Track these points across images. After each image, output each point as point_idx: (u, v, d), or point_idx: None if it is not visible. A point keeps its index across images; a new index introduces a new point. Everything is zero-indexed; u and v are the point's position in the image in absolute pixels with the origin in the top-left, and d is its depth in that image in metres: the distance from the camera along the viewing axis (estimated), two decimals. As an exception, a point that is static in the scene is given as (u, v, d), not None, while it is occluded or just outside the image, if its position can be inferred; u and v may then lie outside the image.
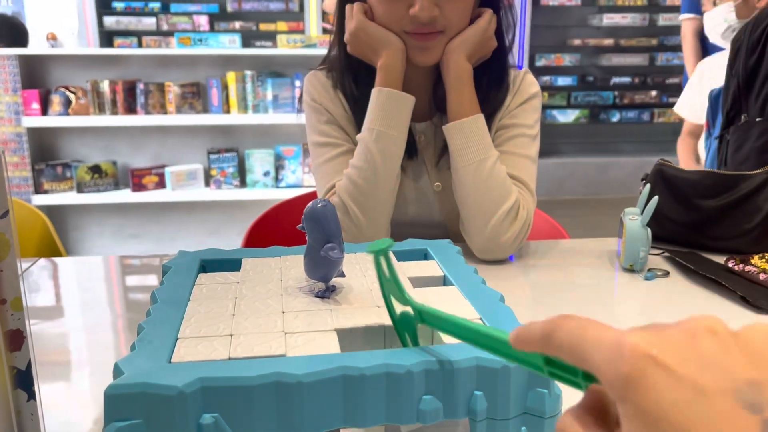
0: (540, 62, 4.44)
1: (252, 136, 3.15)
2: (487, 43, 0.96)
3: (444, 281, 0.54)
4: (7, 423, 0.40)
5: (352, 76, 1.00)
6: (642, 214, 0.87)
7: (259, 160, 3.07)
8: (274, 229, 1.28)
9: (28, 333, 0.40)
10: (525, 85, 1.02)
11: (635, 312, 0.79)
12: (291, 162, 3.09)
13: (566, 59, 4.48)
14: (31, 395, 0.41)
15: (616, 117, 4.63)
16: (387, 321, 0.44)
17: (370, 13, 0.95)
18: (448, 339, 0.42)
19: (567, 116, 4.58)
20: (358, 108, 0.98)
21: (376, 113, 0.92)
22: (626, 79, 4.60)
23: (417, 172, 1.02)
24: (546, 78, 4.47)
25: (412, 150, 1.00)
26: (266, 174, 3.08)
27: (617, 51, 4.51)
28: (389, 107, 0.92)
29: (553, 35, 4.50)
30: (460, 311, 0.46)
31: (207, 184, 3.10)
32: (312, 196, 1.32)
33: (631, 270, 0.89)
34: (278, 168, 3.09)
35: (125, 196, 3.01)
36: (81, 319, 0.78)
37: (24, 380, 0.40)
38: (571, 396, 0.54)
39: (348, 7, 0.97)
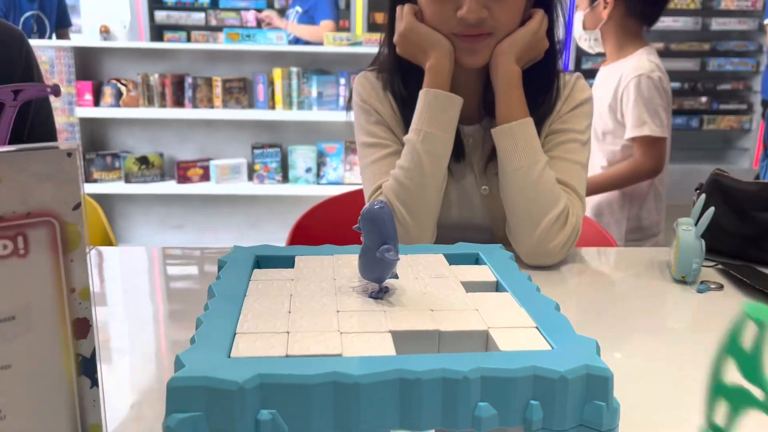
0: (587, 65, 4.36)
1: (295, 132, 3.18)
2: (538, 45, 0.95)
3: (497, 287, 0.53)
4: (70, 408, 0.41)
5: (401, 77, 1.00)
6: (696, 224, 0.85)
7: (302, 157, 3.11)
8: (319, 225, 1.29)
9: (94, 322, 0.41)
10: (577, 90, 1.00)
11: (686, 325, 0.77)
12: (333, 159, 3.11)
13: (614, 62, 4.40)
14: (94, 382, 0.42)
15: (663, 122, 4.53)
16: (441, 326, 0.44)
17: (420, 14, 0.95)
18: (504, 347, 0.42)
19: (613, 120, 4.50)
20: (407, 109, 0.98)
21: (423, 114, 0.92)
22: (676, 84, 4.49)
23: (463, 174, 1.02)
24: (592, 81, 4.40)
25: (459, 152, 0.99)
26: (308, 170, 3.11)
27: (668, 55, 4.41)
28: (436, 108, 0.92)
29: (602, 37, 4.42)
30: (514, 319, 0.46)
31: (250, 178, 3.14)
32: (356, 194, 1.33)
33: (683, 281, 0.87)
34: (320, 165, 3.11)
35: (170, 187, 3.08)
36: (126, 308, 0.79)
37: (88, 367, 0.41)
38: (628, 410, 0.53)
39: (399, 8, 0.97)
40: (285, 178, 3.14)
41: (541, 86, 0.98)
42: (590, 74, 4.53)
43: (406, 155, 0.92)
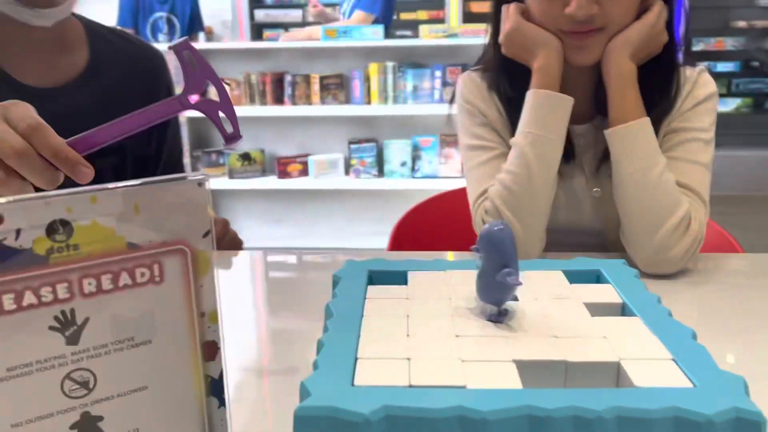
0: (698, 47, 4.11)
1: (390, 126, 3.19)
2: (656, 39, 0.89)
3: (623, 309, 0.50)
4: (200, 428, 0.42)
5: (507, 78, 0.97)
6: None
7: (397, 150, 3.12)
8: (421, 226, 1.28)
9: (222, 344, 0.42)
10: (699, 86, 0.94)
11: (831, 344, 0.70)
12: (427, 153, 3.10)
13: (728, 43, 4.11)
14: (222, 402, 0.43)
15: (785, 106, 4.19)
16: (569, 357, 0.42)
17: (527, 13, 0.92)
18: (639, 381, 0.39)
19: (727, 105, 4.21)
20: (513, 110, 0.95)
21: (531, 116, 0.89)
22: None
23: (573, 176, 0.97)
24: (704, 64, 4.13)
25: (569, 153, 0.95)
26: (403, 164, 3.12)
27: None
28: (546, 109, 0.88)
29: (714, 16, 4.14)
30: (647, 348, 0.43)
31: (347, 172, 3.19)
32: (458, 192, 1.31)
33: (825, 295, 0.79)
34: (414, 158, 3.11)
35: (271, 182, 3.18)
36: (248, 327, 0.81)
37: (216, 388, 0.42)
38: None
39: (504, 7, 0.94)
40: (380, 172, 3.16)
41: (659, 83, 0.92)
42: (702, 56, 4.24)
43: (514, 159, 0.89)
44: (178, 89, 0.65)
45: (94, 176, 0.55)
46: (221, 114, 0.56)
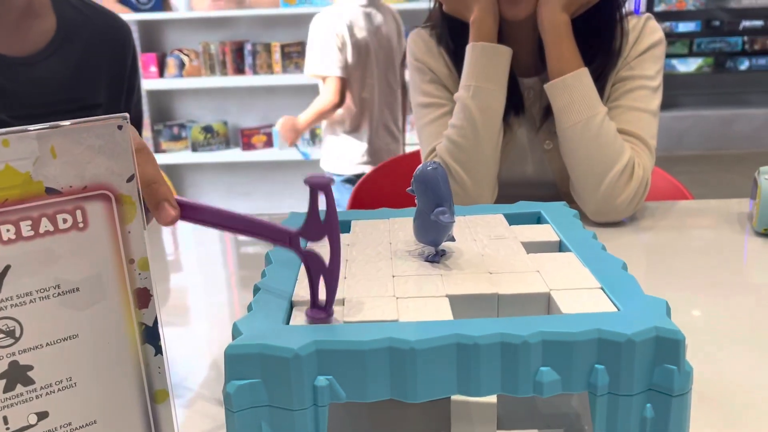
0: (659, 7, 4.13)
1: (355, 94, 3.16)
2: None
3: (560, 247, 0.51)
4: (137, 376, 0.42)
5: (450, 33, 0.97)
6: (780, 173, 0.79)
7: (363, 118, 3.09)
8: (380, 188, 1.28)
9: (154, 291, 0.42)
10: (646, 33, 0.94)
11: (769, 280, 0.73)
12: (394, 119, 3.08)
13: (689, 2, 4.14)
14: (158, 350, 0.43)
15: (744, 65, 4.25)
16: (500, 289, 0.43)
17: None
18: (567, 309, 0.40)
19: (688, 65, 4.26)
20: (460, 65, 0.95)
21: (471, 68, 0.90)
22: (758, 23, 4.19)
23: (525, 129, 0.98)
24: (666, 24, 4.16)
25: (519, 106, 0.96)
26: (369, 132, 3.09)
27: (748, -9, 4.11)
28: (484, 61, 0.89)
29: (675, -24, 4.16)
30: (578, 280, 0.44)
31: (312, 142, 3.16)
32: (416, 156, 1.31)
33: (765, 234, 0.81)
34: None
35: (236, 155, 3.14)
36: (197, 275, 0.82)
37: (151, 336, 0.42)
38: (706, 372, 0.51)
39: None
40: (347, 141, 3.14)
41: (600, 33, 0.92)
42: (664, 17, 4.27)
43: (458, 113, 0.90)
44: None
45: None
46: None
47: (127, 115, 0.38)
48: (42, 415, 0.39)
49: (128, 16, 3.00)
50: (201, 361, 0.59)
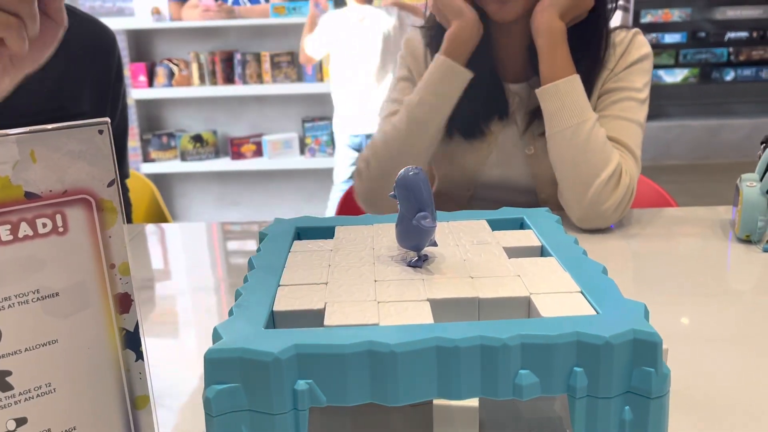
0: (645, 18, 4.16)
1: (345, 103, 3.16)
2: (582, 1, 0.90)
3: (542, 252, 0.52)
4: (117, 381, 0.42)
5: (437, 38, 0.98)
6: (762, 180, 0.80)
7: (352, 128, 3.09)
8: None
9: (135, 296, 0.42)
10: (633, 47, 0.95)
11: (751, 285, 0.73)
12: (383, 129, 3.09)
13: (675, 14, 4.18)
14: (139, 355, 0.43)
15: (730, 75, 4.29)
16: (481, 293, 0.43)
17: None
18: (547, 313, 0.40)
19: (674, 76, 4.30)
20: None
21: (426, 79, 0.92)
22: (743, 34, 4.24)
23: (507, 134, 0.99)
24: (652, 35, 4.20)
25: (503, 111, 0.97)
26: (359, 141, 3.10)
27: (733, 3, 4.16)
28: (439, 76, 0.91)
29: (660, -12, 4.21)
30: (558, 284, 0.44)
31: (302, 152, 3.17)
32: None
33: (747, 241, 0.82)
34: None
35: (225, 164, 3.14)
36: (185, 282, 0.81)
37: (132, 341, 0.42)
38: (686, 375, 0.51)
39: None
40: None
41: (587, 43, 0.93)
42: (650, 28, 4.33)
43: (400, 115, 0.92)
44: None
45: None
46: None
47: (107, 120, 0.38)
48: (21, 421, 0.39)
49: (118, 24, 3.00)
50: (186, 367, 0.59)
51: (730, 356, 0.57)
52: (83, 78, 0.98)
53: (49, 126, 0.37)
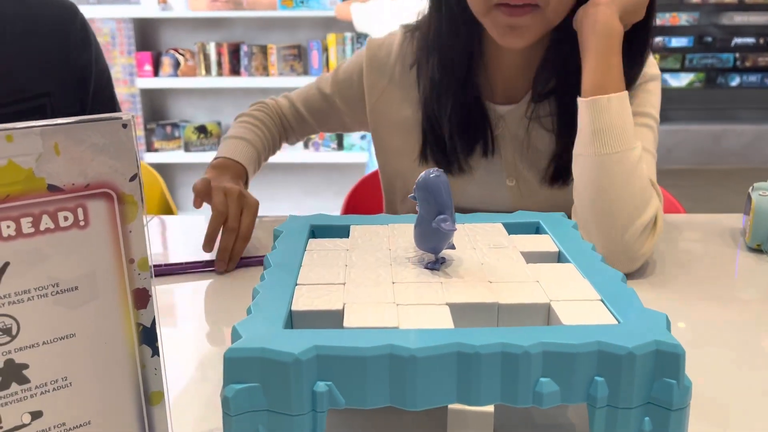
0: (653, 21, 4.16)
1: (350, 98, 3.16)
2: (639, 10, 0.77)
3: (559, 257, 0.51)
4: (133, 377, 0.42)
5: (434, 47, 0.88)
6: (774, 190, 0.80)
7: (356, 123, 3.09)
8: (374, 194, 1.28)
9: (153, 292, 0.41)
10: (647, 65, 0.85)
11: (761, 295, 0.73)
12: (387, 125, 3.08)
13: (682, 18, 4.17)
14: (155, 351, 0.42)
15: (735, 81, 4.29)
16: (501, 299, 0.43)
17: None
18: (567, 320, 0.40)
19: (680, 80, 4.29)
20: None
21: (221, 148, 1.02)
22: (750, 40, 4.24)
23: (488, 164, 0.88)
24: (659, 39, 4.19)
25: (486, 147, 0.87)
26: (363, 137, 3.10)
27: (740, 9, 4.15)
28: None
29: (669, -8, 4.20)
30: (578, 291, 0.44)
31: (306, 146, 3.16)
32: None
33: (758, 250, 0.82)
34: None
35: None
36: (188, 276, 0.81)
37: (149, 337, 0.42)
38: (698, 385, 0.51)
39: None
40: (340, 146, 3.14)
41: (631, 62, 0.80)
42: (657, 32, 4.31)
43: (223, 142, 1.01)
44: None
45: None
46: None
47: (132, 114, 0.38)
48: (36, 415, 0.38)
49: (124, 13, 2.99)
50: (193, 364, 0.58)
51: (739, 365, 0.57)
52: (39, 57, 0.93)
53: (73, 119, 0.37)
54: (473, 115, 0.86)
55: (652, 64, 0.86)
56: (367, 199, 1.26)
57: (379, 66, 0.92)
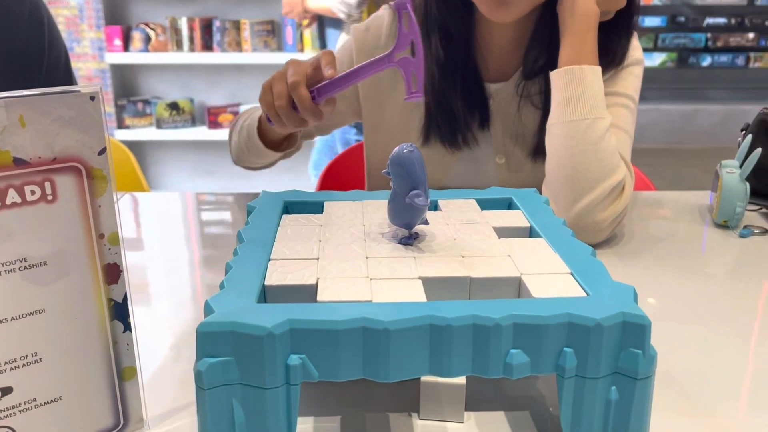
0: (627, 1, 4.18)
1: (325, 75, 3.13)
2: None
3: (530, 232, 0.52)
4: (104, 352, 0.41)
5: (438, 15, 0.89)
6: (741, 167, 0.82)
7: (332, 100, 3.06)
8: (349, 171, 1.28)
9: (124, 267, 0.41)
10: (631, 48, 0.87)
11: (727, 269, 0.75)
12: (363, 103, 3.06)
13: (656, -2, 4.20)
14: (127, 326, 0.42)
15: (707, 61, 4.34)
16: (473, 273, 0.43)
17: None
18: (538, 293, 0.41)
19: (653, 60, 4.33)
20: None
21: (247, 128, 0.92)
22: (721, 20, 4.28)
23: (478, 140, 0.90)
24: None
25: (484, 119, 0.89)
26: (338, 114, 3.08)
27: (714, -11, 4.19)
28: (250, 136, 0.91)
29: (643, -29, 4.21)
30: (548, 265, 0.45)
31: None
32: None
33: (724, 226, 0.84)
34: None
35: (202, 133, 3.09)
36: (160, 253, 0.80)
37: (120, 312, 0.42)
38: (665, 356, 0.52)
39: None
40: (315, 123, 3.11)
41: (608, 48, 0.84)
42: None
43: (240, 123, 0.94)
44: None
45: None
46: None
47: (99, 86, 0.37)
48: (6, 391, 0.38)
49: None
50: (166, 339, 0.58)
51: (705, 337, 0.58)
52: None
53: (39, 90, 0.36)
54: (473, 91, 0.88)
55: (636, 47, 0.88)
56: (342, 177, 1.26)
57: (370, 49, 0.92)
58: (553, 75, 0.80)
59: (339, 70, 0.93)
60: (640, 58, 0.88)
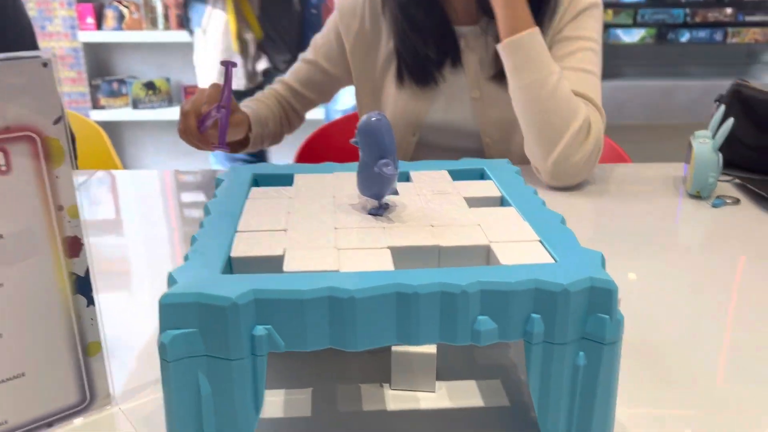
0: (606, -24, 4.16)
1: (303, 53, 3.09)
2: None
3: (502, 202, 0.52)
4: (68, 327, 0.41)
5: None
6: (714, 137, 0.82)
7: (311, 79, 3.03)
8: (326, 147, 1.27)
9: (85, 240, 0.40)
10: None
11: (700, 239, 0.76)
12: (342, 81, 3.03)
13: (635, -27, 4.18)
14: (91, 301, 0.41)
15: (685, 37, 4.34)
16: (442, 242, 0.43)
17: None
18: (506, 261, 0.41)
19: (632, 36, 4.32)
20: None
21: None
22: (699, -5, 4.28)
23: (454, 78, 0.99)
24: (608, -8, 4.20)
25: (455, 57, 0.97)
26: (317, 93, 3.05)
27: (692, -36, 4.18)
28: None
29: (622, -54, 4.20)
30: (517, 233, 0.45)
31: (259, 102, 3.08)
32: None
33: (697, 197, 0.84)
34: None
35: (178, 113, 3.04)
36: (138, 230, 0.79)
37: (83, 286, 0.41)
38: (637, 324, 0.53)
39: None
40: (294, 102, 3.08)
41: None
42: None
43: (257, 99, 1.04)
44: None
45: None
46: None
47: (52, 51, 0.36)
48: (-36, 367, 0.37)
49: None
50: (131, 313, 0.57)
51: (678, 306, 0.59)
52: None
53: (-12, 57, 0.35)
54: (443, 33, 0.96)
55: None
56: (318, 152, 1.25)
57: (350, 11, 1.02)
58: (498, 48, 0.88)
59: (325, 42, 1.05)
60: (596, 1, 0.94)
